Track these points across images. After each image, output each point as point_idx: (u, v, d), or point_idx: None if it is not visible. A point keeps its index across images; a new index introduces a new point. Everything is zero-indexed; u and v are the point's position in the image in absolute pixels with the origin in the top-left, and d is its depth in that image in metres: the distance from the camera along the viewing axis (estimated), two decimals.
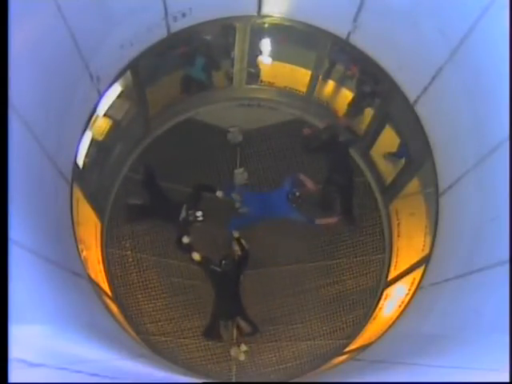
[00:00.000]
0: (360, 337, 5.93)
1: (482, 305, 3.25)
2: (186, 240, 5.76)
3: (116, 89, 5.08)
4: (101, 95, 4.74)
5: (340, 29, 4.89)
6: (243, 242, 6.01)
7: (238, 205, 6.08)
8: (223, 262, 5.67)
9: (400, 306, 5.13)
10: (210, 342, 6.01)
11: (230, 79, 6.31)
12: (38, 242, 3.34)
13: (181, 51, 5.76)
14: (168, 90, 6.18)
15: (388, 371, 3.64)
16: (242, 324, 5.83)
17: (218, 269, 5.65)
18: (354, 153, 6.48)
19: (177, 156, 6.40)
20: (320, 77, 6.19)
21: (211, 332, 5.83)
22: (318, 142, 6.33)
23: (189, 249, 5.77)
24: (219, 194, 6.00)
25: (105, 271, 5.78)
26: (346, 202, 6.31)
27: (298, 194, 5.83)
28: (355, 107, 6.28)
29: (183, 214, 5.76)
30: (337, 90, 6.35)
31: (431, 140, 4.73)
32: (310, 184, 5.98)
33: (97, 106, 4.77)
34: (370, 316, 6.04)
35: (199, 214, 5.75)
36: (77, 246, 4.54)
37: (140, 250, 6.11)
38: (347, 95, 6.31)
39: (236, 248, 6.00)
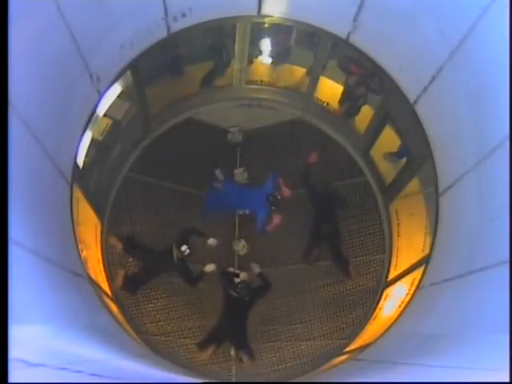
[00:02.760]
0: (360, 337, 5.93)
1: (482, 305, 3.25)
2: (209, 268, 5.80)
3: (116, 89, 5.07)
4: (101, 95, 4.73)
5: (340, 29, 4.89)
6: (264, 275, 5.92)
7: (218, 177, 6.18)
8: (239, 286, 5.65)
9: (400, 306, 5.13)
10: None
11: (230, 79, 6.31)
12: (38, 242, 3.34)
13: (181, 51, 5.76)
14: (168, 89, 6.18)
15: (388, 371, 3.64)
16: (244, 358, 5.74)
17: (234, 293, 5.63)
18: (354, 153, 6.49)
19: (177, 156, 6.40)
20: (320, 77, 6.19)
21: (204, 346, 5.75)
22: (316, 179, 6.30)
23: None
24: (211, 241, 5.89)
25: (105, 271, 5.78)
26: (335, 251, 6.27)
27: (279, 197, 6.03)
28: (353, 106, 6.28)
29: (175, 254, 5.67)
30: (337, 90, 6.35)
31: (431, 140, 4.72)
32: (285, 191, 6.12)
33: (97, 105, 4.76)
34: (370, 316, 6.04)
35: (184, 248, 5.64)
36: (77, 246, 4.54)
37: None
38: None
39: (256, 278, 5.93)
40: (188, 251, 5.65)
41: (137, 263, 5.92)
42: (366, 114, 6.15)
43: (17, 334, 2.19)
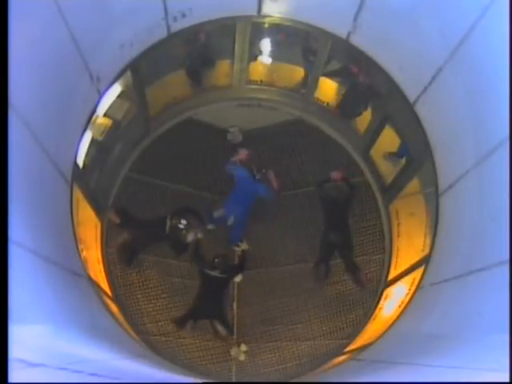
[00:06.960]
0: (360, 337, 5.93)
1: (481, 305, 3.25)
2: (190, 238, 5.83)
3: (116, 89, 5.07)
4: (101, 95, 4.73)
5: (340, 29, 4.89)
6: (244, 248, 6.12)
7: (228, 222, 6.24)
8: (216, 260, 5.77)
9: (400, 306, 5.13)
10: (209, 342, 6.02)
11: (230, 79, 6.31)
12: (38, 242, 3.33)
13: (181, 51, 5.76)
14: (168, 89, 6.18)
15: (388, 371, 3.64)
16: (219, 327, 5.87)
17: (212, 272, 5.72)
18: (354, 153, 6.49)
19: (177, 156, 6.41)
20: (320, 77, 6.19)
21: (182, 323, 5.88)
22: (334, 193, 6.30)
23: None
24: (210, 226, 6.02)
25: (105, 271, 5.78)
26: (347, 261, 6.26)
27: (264, 170, 6.14)
28: (354, 107, 6.29)
29: (168, 223, 5.76)
30: (337, 90, 6.35)
31: (431, 140, 4.72)
32: (275, 183, 6.18)
33: (97, 106, 4.76)
34: (370, 316, 6.04)
35: (184, 222, 5.74)
36: (77, 246, 4.54)
37: None
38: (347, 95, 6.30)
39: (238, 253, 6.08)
40: (184, 226, 5.75)
41: (129, 235, 5.94)
42: (365, 114, 6.15)
43: (17, 334, 2.19)
